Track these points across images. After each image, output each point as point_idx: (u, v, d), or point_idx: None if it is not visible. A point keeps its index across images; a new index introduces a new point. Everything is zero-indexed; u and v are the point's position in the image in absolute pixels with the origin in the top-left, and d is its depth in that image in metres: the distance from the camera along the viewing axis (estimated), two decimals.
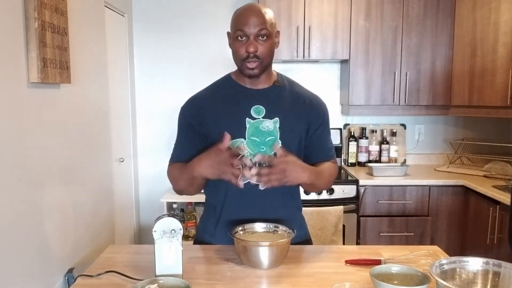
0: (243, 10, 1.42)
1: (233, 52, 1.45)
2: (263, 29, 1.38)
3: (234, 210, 1.49)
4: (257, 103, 1.46)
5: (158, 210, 3.23)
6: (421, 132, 3.54)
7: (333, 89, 3.49)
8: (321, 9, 3.08)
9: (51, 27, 1.87)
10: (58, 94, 2.04)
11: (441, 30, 3.11)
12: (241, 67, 1.44)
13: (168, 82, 3.46)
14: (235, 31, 1.41)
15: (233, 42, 1.43)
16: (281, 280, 1.24)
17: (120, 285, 1.22)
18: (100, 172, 2.61)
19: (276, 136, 1.46)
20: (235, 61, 1.45)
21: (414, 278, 1.12)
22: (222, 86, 1.54)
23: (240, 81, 1.51)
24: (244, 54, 1.39)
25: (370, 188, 2.93)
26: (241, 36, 1.39)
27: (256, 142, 1.44)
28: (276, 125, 1.46)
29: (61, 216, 2.08)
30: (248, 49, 1.38)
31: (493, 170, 3.07)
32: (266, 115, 1.46)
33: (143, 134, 3.50)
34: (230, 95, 1.50)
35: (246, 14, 1.39)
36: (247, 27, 1.37)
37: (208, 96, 1.53)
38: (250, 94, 1.48)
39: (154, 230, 1.20)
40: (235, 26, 1.41)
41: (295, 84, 1.59)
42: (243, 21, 1.38)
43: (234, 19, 1.43)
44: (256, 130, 1.45)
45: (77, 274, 1.42)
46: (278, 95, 1.50)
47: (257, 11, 1.39)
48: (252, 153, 1.44)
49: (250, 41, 1.38)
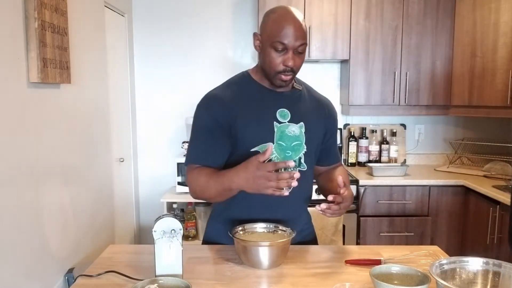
0: (285, 19, 1.32)
1: (266, 60, 1.37)
2: (303, 44, 1.34)
3: (257, 213, 1.45)
4: (281, 107, 1.44)
5: (158, 210, 3.23)
6: (421, 132, 3.54)
7: (333, 89, 3.49)
8: (321, 9, 3.08)
9: (51, 27, 1.87)
10: (58, 94, 2.04)
11: (441, 30, 3.11)
12: (273, 77, 1.38)
13: (168, 82, 3.46)
14: (273, 40, 1.32)
15: (269, 51, 1.35)
16: (281, 280, 1.24)
17: (120, 285, 1.22)
18: (100, 172, 2.61)
19: (302, 141, 1.45)
20: (267, 69, 1.38)
21: (414, 278, 1.12)
22: (243, 85, 1.46)
23: (261, 81, 1.46)
24: (281, 67, 1.34)
25: (370, 188, 2.93)
26: (280, 48, 1.33)
27: (282, 147, 1.42)
28: (302, 130, 1.45)
29: (61, 216, 2.08)
30: (287, 63, 1.33)
31: (493, 170, 3.07)
32: (292, 119, 1.44)
33: (143, 134, 3.50)
34: (255, 96, 1.44)
35: (289, 26, 1.31)
36: (288, 40, 1.31)
37: (232, 94, 1.43)
38: (274, 96, 1.45)
39: (154, 230, 1.20)
40: (275, 36, 1.32)
41: (310, 88, 1.58)
42: (286, 33, 1.31)
43: (274, 28, 1.33)
44: (282, 134, 1.42)
45: (77, 274, 1.42)
46: (299, 99, 1.49)
47: (299, 24, 1.33)
48: (278, 157, 1.42)
49: (290, 55, 1.33)
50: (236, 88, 1.45)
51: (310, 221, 1.65)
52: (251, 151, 1.41)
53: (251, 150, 1.42)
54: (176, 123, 3.44)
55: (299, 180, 1.42)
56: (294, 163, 1.28)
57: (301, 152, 1.46)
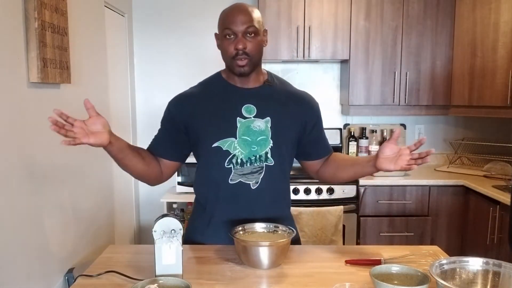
0: (229, 9, 1.42)
1: (222, 51, 1.44)
2: (251, 26, 1.38)
3: (225, 209, 1.49)
4: (248, 102, 1.47)
5: (158, 210, 3.23)
6: (421, 132, 3.54)
7: (333, 89, 3.49)
8: (321, 9, 3.08)
9: (51, 27, 1.87)
10: (58, 94, 2.04)
11: (441, 30, 3.11)
12: (230, 65, 1.43)
13: (168, 82, 3.46)
14: (223, 29, 1.41)
15: (221, 41, 1.43)
16: (281, 280, 1.24)
17: (120, 285, 1.22)
18: (100, 172, 2.61)
19: (267, 136, 1.46)
20: (225, 60, 1.45)
21: (414, 278, 1.12)
22: (212, 84, 1.54)
23: (230, 80, 1.50)
24: (233, 52, 1.39)
25: (370, 188, 2.93)
26: (229, 35, 1.39)
27: (248, 142, 1.44)
28: (267, 124, 1.46)
29: (61, 216, 2.08)
30: (237, 46, 1.38)
31: (493, 170, 3.07)
32: (257, 114, 1.46)
33: (143, 134, 3.50)
34: (221, 94, 1.49)
35: (233, 13, 1.39)
36: (234, 25, 1.38)
37: (198, 93, 1.52)
38: (241, 93, 1.48)
39: (154, 230, 1.20)
40: (223, 25, 1.41)
41: (286, 84, 1.59)
42: (231, 19, 1.39)
43: (222, 19, 1.43)
44: (247, 129, 1.45)
45: (77, 274, 1.42)
46: (269, 94, 1.50)
47: (244, 9, 1.40)
48: (243, 152, 1.44)
49: (239, 38, 1.38)
50: (204, 87, 1.55)
51: (293, 221, 1.62)
52: (212, 146, 1.45)
53: (212, 146, 1.45)
54: None
55: (267, 174, 1.47)
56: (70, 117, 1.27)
57: (267, 147, 1.46)
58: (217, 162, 1.46)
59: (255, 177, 1.46)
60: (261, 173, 1.46)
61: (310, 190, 2.91)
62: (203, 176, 1.54)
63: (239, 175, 1.46)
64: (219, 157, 1.45)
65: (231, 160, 1.45)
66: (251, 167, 1.45)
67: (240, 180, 1.46)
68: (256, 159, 1.45)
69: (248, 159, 1.45)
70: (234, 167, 1.45)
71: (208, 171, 1.50)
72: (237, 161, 1.45)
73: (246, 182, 1.46)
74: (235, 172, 1.45)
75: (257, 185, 1.47)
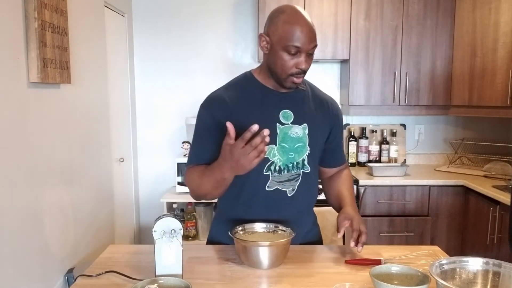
0: (297, 22, 1.29)
1: (279, 64, 1.34)
2: (315, 46, 1.32)
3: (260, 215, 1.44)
4: (285, 108, 1.42)
5: (158, 210, 3.23)
6: (421, 132, 3.54)
7: (333, 89, 3.49)
8: (321, 9, 3.08)
9: (51, 27, 1.87)
10: (58, 94, 2.04)
11: (441, 30, 3.11)
12: (284, 80, 1.35)
13: (168, 82, 3.46)
14: (287, 44, 1.29)
15: (281, 54, 1.32)
16: (281, 280, 1.24)
17: (120, 285, 1.22)
18: (100, 172, 2.61)
19: (305, 143, 1.44)
20: (278, 72, 1.35)
21: (414, 278, 1.12)
22: (246, 86, 1.45)
23: (266, 83, 1.43)
24: (294, 70, 1.32)
25: (370, 188, 2.92)
26: (294, 51, 1.30)
27: (285, 149, 1.42)
28: (305, 131, 1.44)
29: (61, 216, 2.08)
30: (301, 66, 1.31)
31: (493, 170, 3.07)
32: (295, 120, 1.43)
33: (143, 134, 3.50)
34: (258, 97, 1.42)
35: (303, 29, 1.29)
36: (302, 43, 1.29)
37: (235, 95, 1.42)
38: (278, 97, 1.43)
39: (154, 230, 1.20)
40: (289, 39, 1.29)
41: (315, 88, 1.55)
42: (300, 36, 1.28)
43: (286, 30, 1.29)
44: (285, 136, 1.41)
45: (77, 274, 1.42)
46: (303, 99, 1.47)
47: (311, 25, 1.31)
48: (281, 159, 1.42)
49: (303, 58, 1.31)
50: (238, 89, 1.44)
51: (315, 222, 1.64)
52: None
53: None
54: (176, 123, 3.44)
55: (303, 181, 1.44)
56: (257, 125, 1.16)
57: (304, 154, 1.45)
58: (255, 168, 1.32)
59: (292, 184, 1.45)
60: (298, 180, 1.45)
61: None
62: (236, 182, 1.38)
63: (277, 182, 1.43)
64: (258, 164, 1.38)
65: (270, 167, 1.42)
66: (288, 174, 1.43)
67: (277, 187, 1.43)
68: (294, 166, 1.44)
69: (285, 166, 1.43)
70: (272, 174, 1.42)
71: (245, 177, 1.35)
72: (275, 168, 1.42)
73: (283, 190, 1.44)
74: (273, 179, 1.43)
75: (293, 192, 1.45)
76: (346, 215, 1.41)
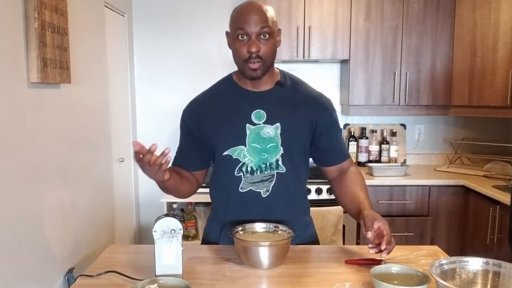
0: (243, 7, 1.35)
1: (233, 52, 1.38)
2: (265, 27, 1.31)
3: (236, 217, 1.46)
4: (257, 108, 1.42)
5: (158, 210, 3.23)
6: (421, 132, 3.54)
7: (333, 89, 3.49)
8: (321, 9, 3.08)
9: (51, 27, 1.87)
10: (58, 94, 2.04)
11: (441, 30, 3.11)
12: (242, 69, 1.37)
13: (168, 82, 3.46)
14: (235, 30, 1.34)
15: (233, 42, 1.36)
16: (281, 280, 1.24)
17: (120, 285, 1.22)
18: (100, 172, 2.61)
19: (277, 143, 1.42)
20: (236, 62, 1.39)
21: (414, 278, 1.12)
22: (223, 88, 1.49)
23: (241, 83, 1.45)
24: (246, 55, 1.33)
25: (370, 188, 2.88)
26: (242, 36, 1.32)
27: (257, 149, 1.41)
28: (277, 131, 1.41)
29: (61, 216, 2.08)
30: (250, 49, 1.31)
31: (493, 170, 3.07)
32: (267, 120, 1.41)
33: (143, 134, 3.50)
34: (231, 99, 1.45)
35: (247, 12, 1.32)
36: (248, 25, 1.31)
37: (208, 99, 1.48)
38: (251, 97, 1.43)
39: (154, 230, 1.20)
40: (235, 25, 1.34)
41: (299, 83, 1.50)
42: (244, 19, 1.31)
43: (234, 18, 1.36)
44: (256, 136, 1.41)
45: (77, 274, 1.42)
46: (280, 97, 1.44)
47: (258, 9, 1.33)
48: (253, 160, 1.42)
49: (252, 40, 1.31)
50: (214, 92, 1.50)
51: (309, 224, 1.60)
52: (223, 155, 1.43)
53: (223, 154, 1.43)
54: (176, 123, 3.37)
55: (279, 182, 1.43)
56: (155, 145, 1.23)
57: (277, 154, 1.42)
58: (227, 170, 1.43)
59: (266, 185, 1.43)
60: (272, 181, 1.43)
61: (310, 190, 2.91)
62: (215, 182, 1.52)
63: (249, 183, 1.43)
64: (230, 165, 1.42)
65: (241, 168, 1.42)
66: (261, 175, 1.42)
67: (251, 188, 1.43)
68: (267, 167, 1.42)
69: (258, 167, 1.42)
70: (244, 175, 1.42)
71: (220, 178, 1.48)
72: (247, 169, 1.42)
73: (256, 191, 1.44)
74: (245, 181, 1.43)
75: (268, 193, 1.44)
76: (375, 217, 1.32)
